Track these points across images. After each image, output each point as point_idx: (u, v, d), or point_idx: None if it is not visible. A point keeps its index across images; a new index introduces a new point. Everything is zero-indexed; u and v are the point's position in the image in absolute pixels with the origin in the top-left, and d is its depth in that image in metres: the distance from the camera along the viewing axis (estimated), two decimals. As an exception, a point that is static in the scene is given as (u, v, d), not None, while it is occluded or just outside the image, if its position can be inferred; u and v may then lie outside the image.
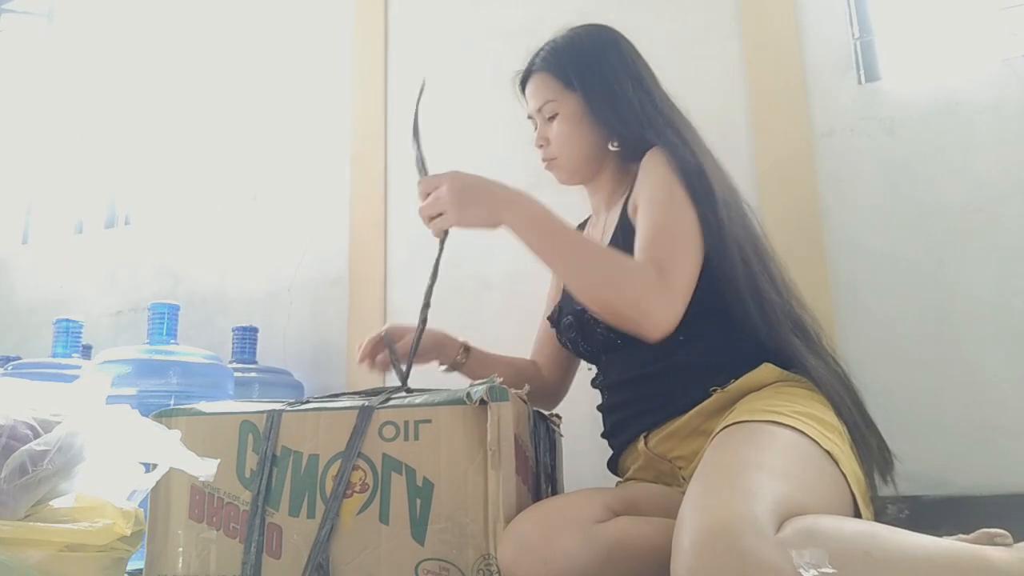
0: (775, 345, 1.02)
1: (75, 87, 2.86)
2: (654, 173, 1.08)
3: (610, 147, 1.18)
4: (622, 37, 1.21)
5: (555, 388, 1.36)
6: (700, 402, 1.02)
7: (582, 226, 1.35)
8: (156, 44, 2.75)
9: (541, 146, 1.22)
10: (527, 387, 1.04)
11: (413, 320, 1.25)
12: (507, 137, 1.94)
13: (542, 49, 1.23)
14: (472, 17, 2.05)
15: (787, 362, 1.02)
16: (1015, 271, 1.43)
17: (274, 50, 2.41)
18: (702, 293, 1.02)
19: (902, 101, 1.56)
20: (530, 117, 1.25)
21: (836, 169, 1.58)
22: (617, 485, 1.15)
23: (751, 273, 1.03)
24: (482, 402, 0.94)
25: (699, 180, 1.05)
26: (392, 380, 1.23)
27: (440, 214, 1.07)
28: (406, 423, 0.98)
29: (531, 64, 1.23)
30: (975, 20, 1.62)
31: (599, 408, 1.20)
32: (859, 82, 1.62)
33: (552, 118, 1.19)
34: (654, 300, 0.96)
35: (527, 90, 1.24)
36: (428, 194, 1.09)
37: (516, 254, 1.86)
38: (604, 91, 1.14)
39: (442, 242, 1.11)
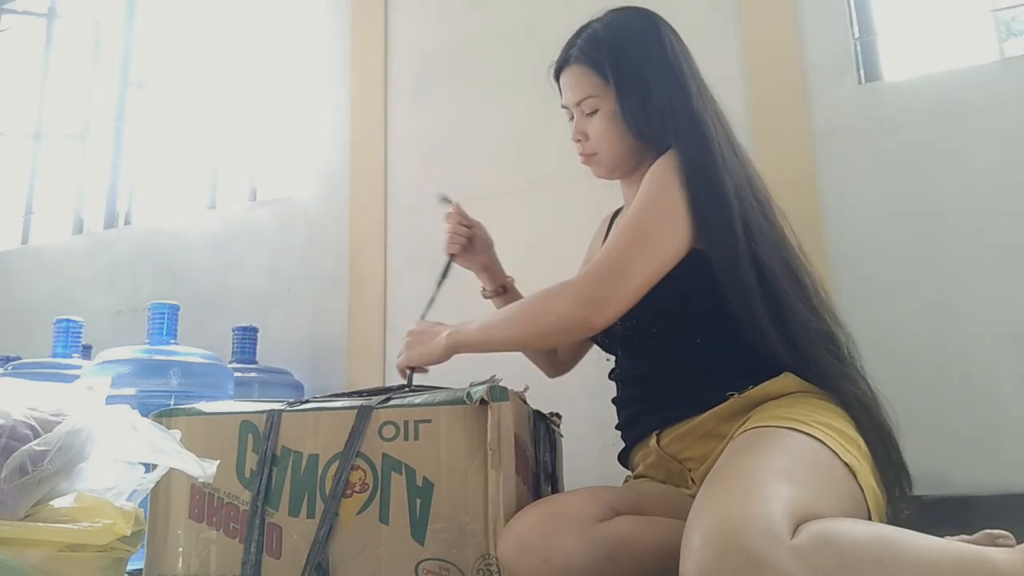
0: (804, 363, 0.99)
1: (75, 86, 2.86)
2: (652, 173, 1.06)
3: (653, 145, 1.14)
4: (665, 24, 1.16)
5: (567, 359, 1.38)
6: (716, 405, 1.01)
7: (617, 213, 1.33)
8: (156, 43, 2.75)
9: (579, 140, 1.18)
10: (527, 387, 1.04)
11: (412, 321, 1.25)
12: (506, 137, 1.95)
13: (579, 37, 1.17)
14: (471, 17, 2.05)
15: (816, 380, 1.00)
16: (1015, 271, 1.43)
17: (274, 49, 2.41)
18: (720, 299, 1.01)
19: (902, 101, 1.56)
20: (564, 107, 1.20)
21: (836, 169, 1.58)
22: (626, 480, 1.15)
23: (775, 290, 1.01)
24: (482, 402, 0.94)
25: (708, 192, 1.03)
26: (392, 379, 1.23)
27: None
28: (406, 423, 0.98)
29: (568, 53, 1.17)
30: (975, 20, 1.62)
31: (614, 401, 1.19)
32: (859, 82, 1.62)
33: (592, 113, 1.15)
34: (573, 303, 1.01)
35: (564, 80, 1.19)
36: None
37: (516, 254, 1.87)
38: (634, 91, 1.10)
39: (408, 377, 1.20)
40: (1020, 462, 1.36)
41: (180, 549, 1.04)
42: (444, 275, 1.32)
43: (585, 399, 1.49)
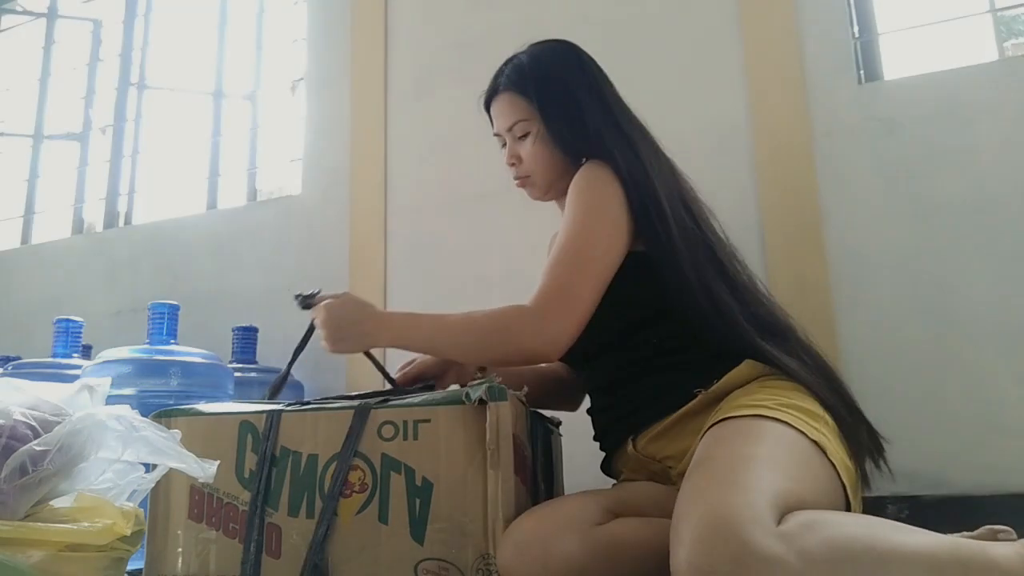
0: (743, 349, 1.03)
1: (75, 86, 2.86)
2: (577, 183, 1.11)
3: (583, 162, 1.18)
4: (583, 52, 1.23)
5: (581, 387, 1.32)
6: (685, 404, 1.02)
7: None
8: (156, 44, 2.75)
9: (513, 164, 1.23)
10: (525, 388, 1.04)
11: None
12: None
13: (505, 67, 1.24)
14: (471, 17, 2.05)
15: (769, 361, 1.02)
16: (1015, 271, 1.43)
17: (274, 48, 2.41)
18: (660, 297, 1.05)
19: (902, 101, 1.56)
20: (497, 135, 1.26)
21: (836, 169, 1.58)
22: (613, 486, 1.15)
23: (706, 284, 1.04)
24: (481, 402, 0.94)
25: (644, 195, 1.07)
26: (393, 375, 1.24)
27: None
28: (405, 423, 0.98)
29: (496, 83, 1.24)
30: (975, 20, 1.62)
31: (588, 411, 1.20)
32: (859, 82, 1.62)
33: (523, 137, 1.20)
34: (534, 336, 1.03)
35: (493, 110, 1.25)
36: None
37: (516, 254, 1.87)
38: (560, 110, 1.16)
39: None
40: (1020, 462, 1.36)
41: (180, 549, 1.04)
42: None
43: (585, 400, 1.49)
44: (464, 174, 1.98)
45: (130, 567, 0.94)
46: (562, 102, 1.17)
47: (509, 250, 1.90)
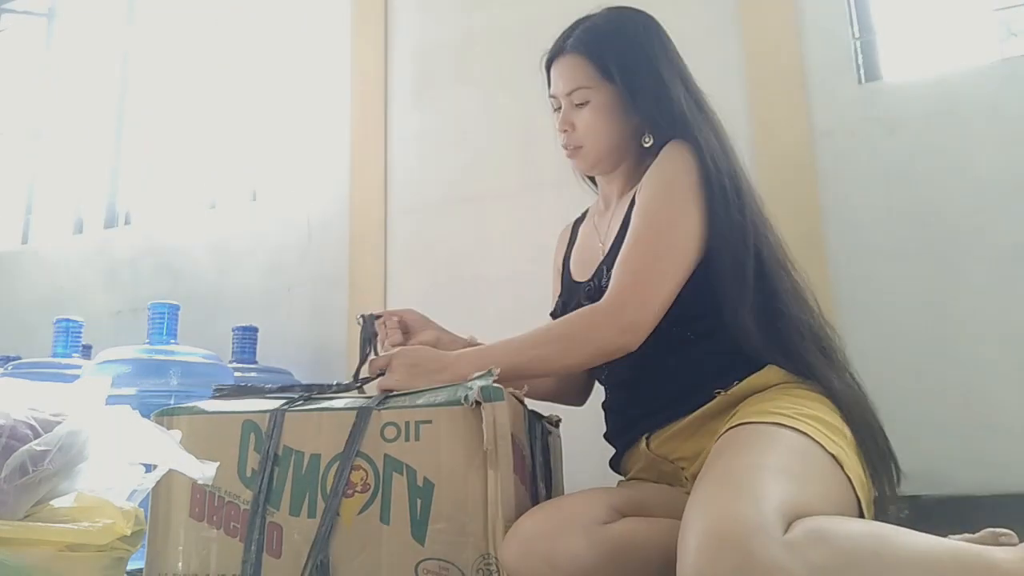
0: (791, 357, 1.00)
1: (75, 86, 2.86)
2: (664, 163, 1.06)
3: (643, 142, 1.13)
4: (662, 27, 1.16)
5: (586, 382, 1.31)
6: (703, 404, 1.01)
7: (579, 221, 1.34)
8: (156, 43, 2.75)
9: (565, 131, 1.16)
10: (525, 388, 1.04)
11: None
12: (506, 137, 1.94)
13: (576, 28, 1.16)
14: (472, 17, 2.05)
15: (803, 373, 1.01)
16: (1014, 271, 1.43)
17: (275, 49, 2.41)
18: (713, 293, 1.02)
19: (902, 101, 1.56)
20: (553, 97, 1.18)
21: (836, 169, 1.58)
22: (620, 485, 1.15)
23: (770, 288, 1.02)
24: (477, 403, 0.94)
25: (726, 183, 1.04)
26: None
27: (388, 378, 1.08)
28: (407, 423, 0.98)
29: (563, 43, 1.16)
30: (975, 20, 1.62)
31: (603, 406, 1.19)
32: (859, 82, 1.62)
33: (582, 104, 1.13)
34: (612, 330, 1.00)
35: (555, 70, 1.17)
36: (379, 368, 1.10)
37: (516, 254, 1.87)
38: (648, 85, 1.10)
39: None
40: (1020, 462, 1.36)
41: (180, 548, 1.03)
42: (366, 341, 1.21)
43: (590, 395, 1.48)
44: (464, 174, 1.98)
45: (130, 566, 0.94)
46: (645, 74, 1.10)
47: (510, 250, 1.90)
